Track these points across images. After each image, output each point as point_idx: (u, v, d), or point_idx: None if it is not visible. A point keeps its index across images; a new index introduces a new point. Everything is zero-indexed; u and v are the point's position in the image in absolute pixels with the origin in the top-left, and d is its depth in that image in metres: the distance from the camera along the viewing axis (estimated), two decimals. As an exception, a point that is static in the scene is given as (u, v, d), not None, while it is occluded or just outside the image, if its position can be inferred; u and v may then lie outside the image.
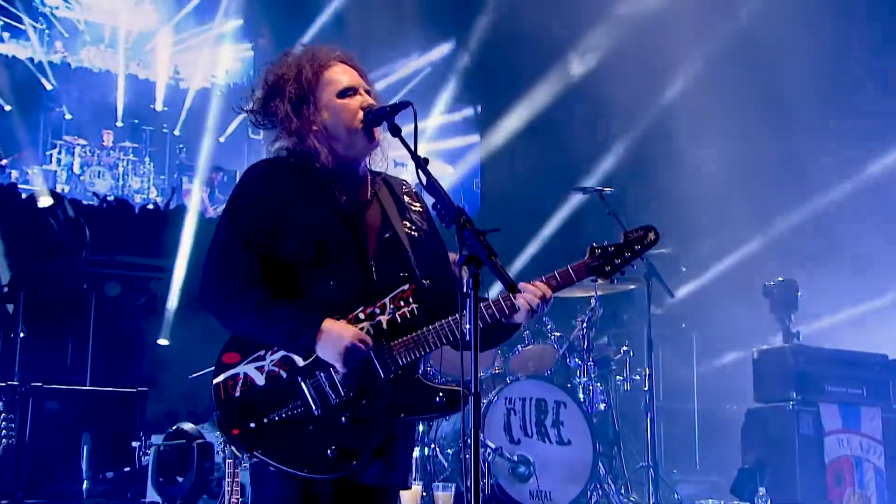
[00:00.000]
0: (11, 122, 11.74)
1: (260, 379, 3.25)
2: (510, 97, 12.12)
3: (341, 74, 3.43)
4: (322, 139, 3.38)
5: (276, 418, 3.21)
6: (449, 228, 3.12)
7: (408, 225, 3.47)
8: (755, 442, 8.25)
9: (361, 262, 3.33)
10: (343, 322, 3.23)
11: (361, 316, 3.29)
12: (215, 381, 3.26)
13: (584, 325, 7.35)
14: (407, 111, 3.32)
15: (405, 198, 3.56)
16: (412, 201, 3.57)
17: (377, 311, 3.30)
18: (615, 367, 7.93)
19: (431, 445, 6.84)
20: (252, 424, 3.20)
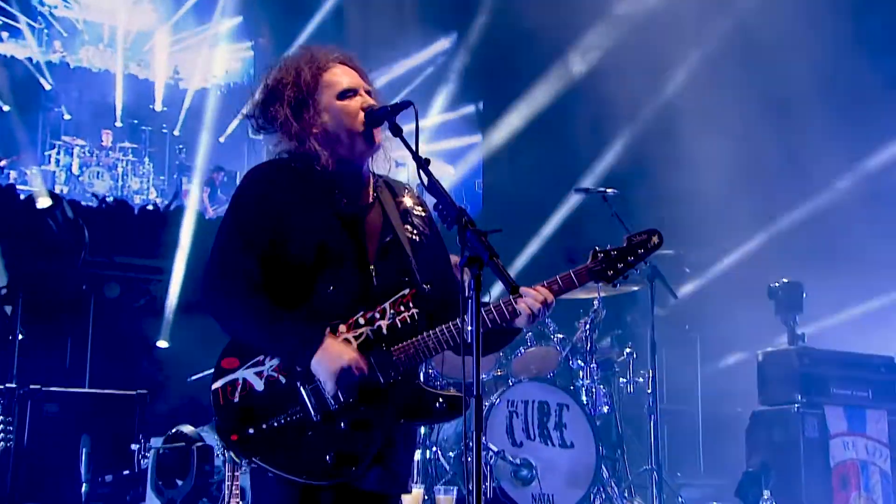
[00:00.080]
0: (10, 123, 11.73)
1: (259, 384, 3.24)
2: (512, 95, 12.11)
3: (341, 76, 3.42)
4: (323, 142, 3.37)
5: (275, 424, 3.20)
6: (450, 229, 3.11)
7: (409, 229, 3.47)
8: (760, 445, 8.24)
9: (361, 266, 3.33)
10: (344, 343, 3.23)
11: (361, 321, 3.28)
12: (214, 386, 3.26)
13: (586, 326, 7.34)
14: (408, 111, 3.31)
15: (407, 201, 3.55)
16: (414, 205, 3.56)
17: (377, 315, 3.29)
18: (618, 369, 7.91)
19: (433, 448, 6.84)
20: (251, 430, 3.20)
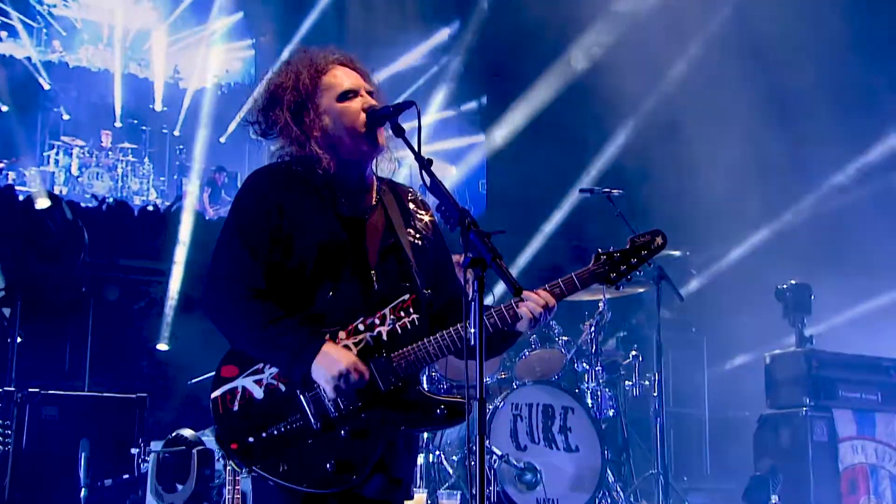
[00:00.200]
0: (8, 123, 11.76)
1: (258, 392, 3.25)
2: (516, 90, 12.13)
3: (341, 78, 3.41)
4: (324, 145, 3.36)
5: (275, 432, 3.21)
6: (453, 231, 3.11)
7: (412, 233, 3.46)
8: (767, 448, 8.22)
9: (362, 271, 3.33)
10: (342, 348, 3.22)
11: (361, 327, 3.28)
12: (213, 395, 3.27)
13: (592, 328, 7.33)
14: (410, 111, 3.30)
15: (411, 205, 3.55)
16: (417, 209, 3.56)
17: (377, 321, 3.29)
18: (624, 372, 7.90)
19: (436, 452, 6.83)
20: (251, 439, 3.20)
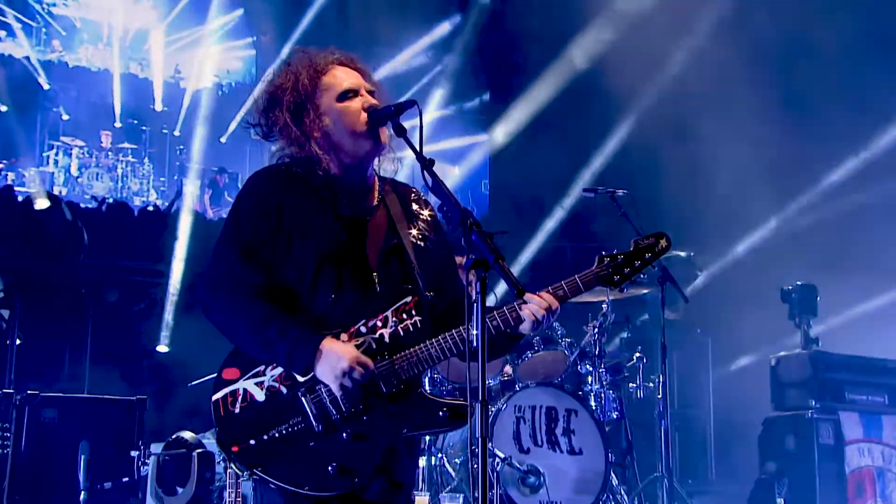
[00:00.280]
0: (7, 123, 11.76)
1: (260, 395, 3.25)
2: (518, 88, 12.13)
3: (341, 78, 3.42)
4: (324, 146, 3.37)
5: (277, 435, 3.21)
6: (455, 231, 3.11)
7: (414, 234, 3.46)
8: (773, 451, 8.21)
9: (363, 273, 3.33)
10: (343, 343, 3.22)
11: (363, 329, 3.28)
12: (214, 397, 3.27)
13: (595, 330, 7.32)
14: (411, 110, 3.30)
15: (413, 205, 3.55)
16: (420, 209, 3.55)
17: (379, 323, 3.29)
18: (628, 374, 7.88)
19: (438, 455, 6.83)
20: (252, 441, 3.21)
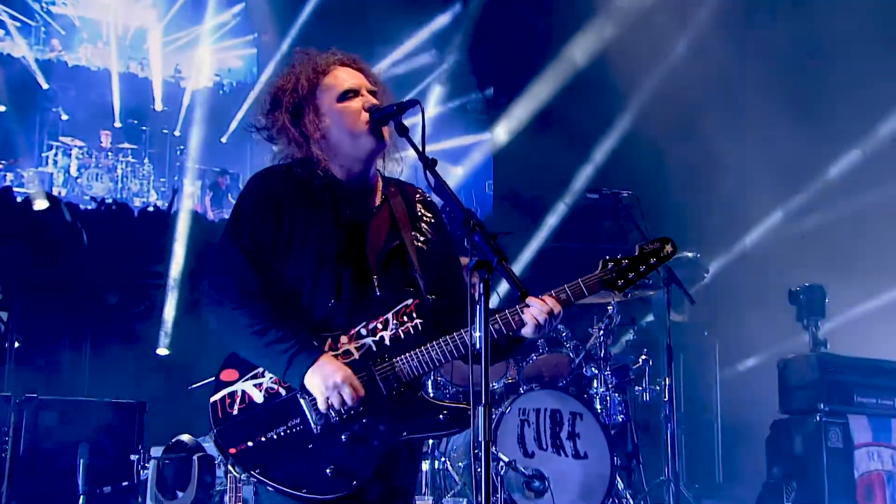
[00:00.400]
0: (6, 123, 11.78)
1: (258, 396, 3.26)
2: (522, 83, 12.15)
3: (341, 78, 3.42)
4: (325, 147, 3.38)
5: (275, 437, 3.21)
6: (458, 232, 3.11)
7: (417, 236, 3.46)
8: (781, 455, 8.20)
9: (363, 276, 3.32)
10: (340, 363, 3.20)
11: (363, 332, 3.28)
12: (213, 399, 3.28)
13: (601, 332, 7.31)
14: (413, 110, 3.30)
15: (418, 206, 3.54)
16: (424, 211, 3.55)
17: (379, 326, 3.29)
18: (633, 377, 7.87)
19: (442, 459, 6.82)
20: (250, 443, 3.21)
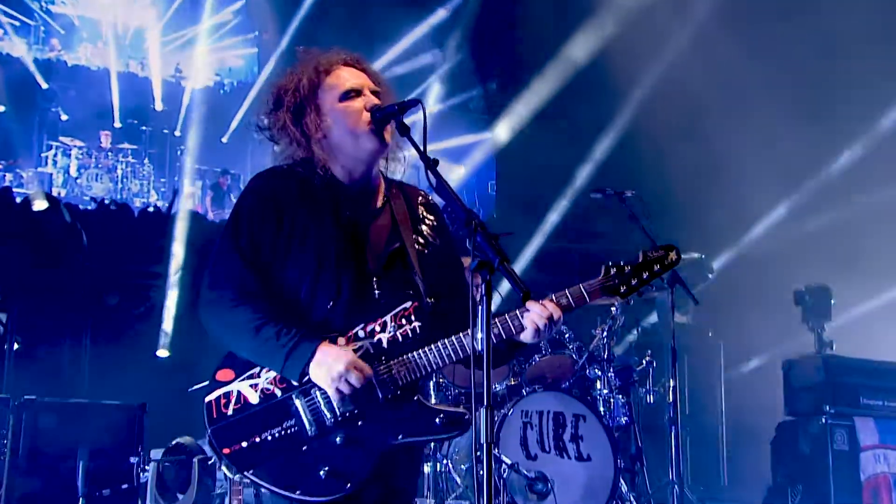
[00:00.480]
0: (5, 123, 11.80)
1: (254, 397, 3.26)
2: (521, 82, 12.18)
3: (344, 78, 3.42)
4: (326, 147, 3.38)
5: (269, 438, 3.22)
6: (460, 233, 3.11)
7: (418, 238, 3.46)
8: (786, 457, 8.19)
9: (363, 277, 3.32)
10: (339, 347, 3.21)
11: (361, 333, 3.28)
12: (207, 398, 3.29)
13: (604, 333, 7.31)
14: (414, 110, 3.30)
15: (420, 209, 3.54)
16: (426, 213, 3.55)
17: (377, 328, 3.29)
18: (637, 378, 7.87)
19: (444, 461, 6.82)
20: (244, 444, 3.22)
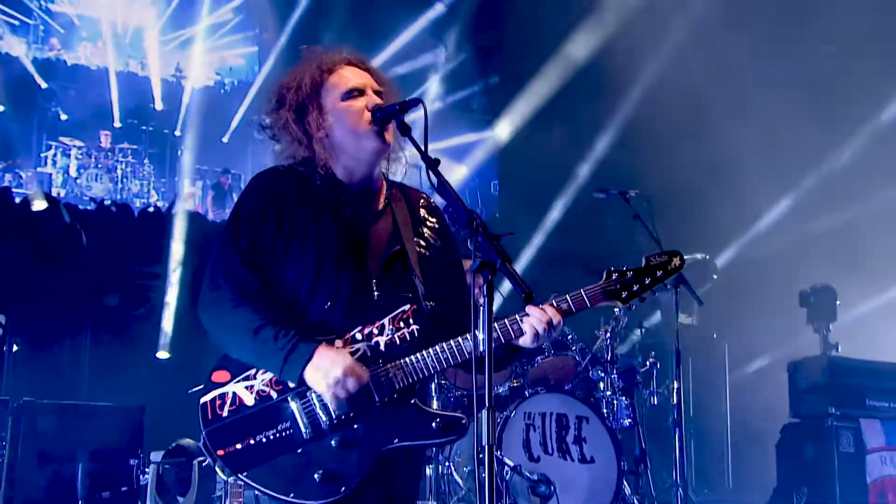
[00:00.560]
0: (4, 123, 11.81)
1: (249, 399, 3.25)
2: (522, 79, 12.20)
3: (347, 77, 3.41)
4: (328, 146, 3.38)
5: (264, 440, 3.21)
6: (461, 233, 3.10)
7: (419, 241, 3.45)
8: (791, 460, 8.19)
9: (362, 279, 3.32)
10: (337, 350, 3.20)
11: (358, 336, 3.28)
12: (202, 400, 3.28)
13: (607, 334, 7.30)
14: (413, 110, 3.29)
15: (422, 211, 3.54)
16: (428, 216, 3.54)
17: (375, 331, 3.29)
18: (641, 380, 7.86)
19: (446, 463, 6.82)
20: (238, 446, 3.21)
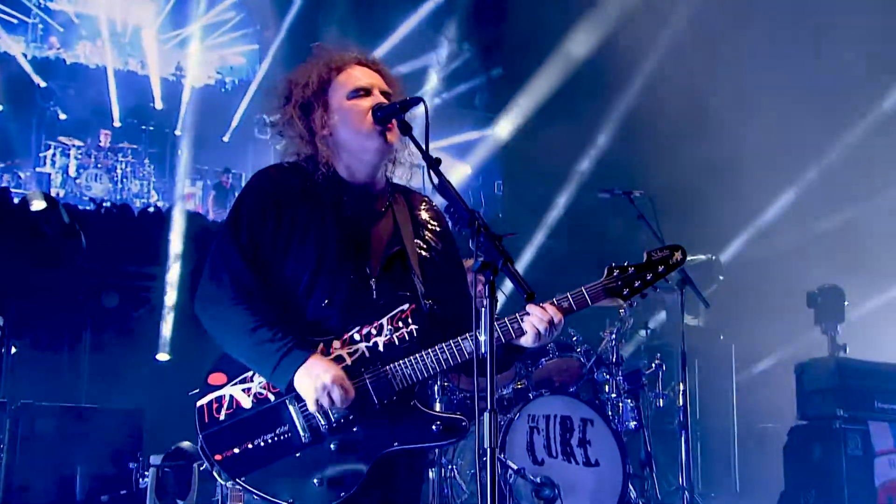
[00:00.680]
0: (3, 123, 11.82)
1: (246, 402, 3.25)
2: (523, 75, 12.21)
3: (355, 76, 3.43)
4: (332, 144, 3.39)
5: (262, 444, 3.21)
6: (462, 233, 3.10)
7: (420, 244, 3.46)
8: (799, 463, 8.17)
9: (361, 279, 3.32)
10: (329, 361, 3.19)
11: (357, 336, 3.28)
12: (199, 403, 3.28)
13: (612, 336, 7.30)
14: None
15: (423, 214, 3.55)
16: (430, 218, 3.56)
17: (374, 331, 3.29)
18: (646, 382, 7.85)
19: (449, 466, 6.81)
20: (236, 450, 3.21)
